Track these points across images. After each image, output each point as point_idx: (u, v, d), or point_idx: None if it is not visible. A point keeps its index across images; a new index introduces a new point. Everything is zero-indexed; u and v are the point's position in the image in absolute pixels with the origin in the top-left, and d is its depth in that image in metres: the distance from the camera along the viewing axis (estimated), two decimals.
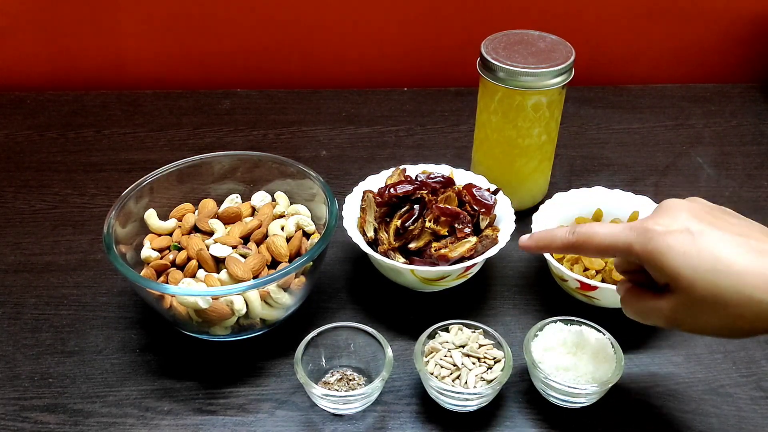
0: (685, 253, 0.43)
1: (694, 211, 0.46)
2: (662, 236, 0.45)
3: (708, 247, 0.43)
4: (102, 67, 1.05)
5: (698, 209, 0.47)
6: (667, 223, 0.45)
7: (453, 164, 0.75)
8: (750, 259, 0.43)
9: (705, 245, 0.43)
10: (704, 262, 0.43)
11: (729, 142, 0.94)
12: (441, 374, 0.57)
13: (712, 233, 0.44)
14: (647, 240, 0.45)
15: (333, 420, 0.58)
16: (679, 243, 0.44)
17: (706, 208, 0.47)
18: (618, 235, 0.47)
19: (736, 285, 0.42)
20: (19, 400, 0.60)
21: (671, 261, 0.44)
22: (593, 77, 1.06)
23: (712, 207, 0.48)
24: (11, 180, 0.86)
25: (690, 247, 0.44)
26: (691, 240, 0.44)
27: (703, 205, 0.48)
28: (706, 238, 0.44)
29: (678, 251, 0.44)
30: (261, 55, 1.05)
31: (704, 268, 0.43)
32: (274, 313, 0.62)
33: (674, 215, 0.46)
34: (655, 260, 0.45)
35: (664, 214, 0.47)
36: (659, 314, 0.47)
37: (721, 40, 1.06)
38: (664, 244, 0.44)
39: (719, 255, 0.43)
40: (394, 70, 1.07)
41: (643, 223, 0.47)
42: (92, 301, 0.69)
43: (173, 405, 0.60)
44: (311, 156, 0.90)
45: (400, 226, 0.65)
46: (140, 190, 0.67)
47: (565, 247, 0.51)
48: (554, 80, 0.69)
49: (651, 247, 0.45)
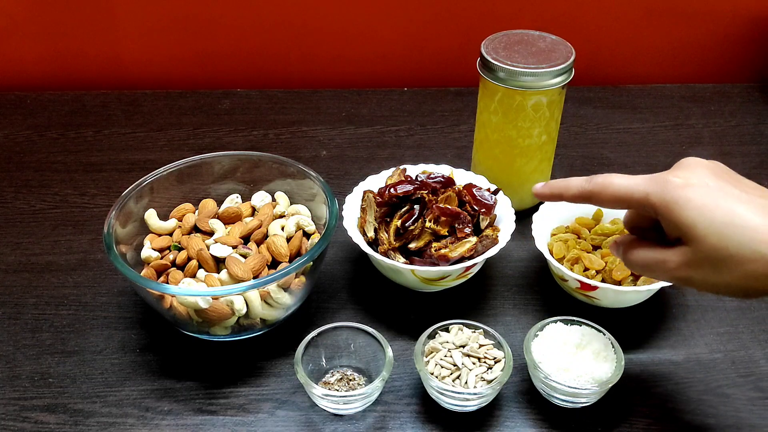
0: (702, 206, 0.43)
1: (714, 170, 0.46)
2: (681, 188, 0.45)
3: (725, 203, 0.43)
4: (102, 67, 1.05)
5: (718, 169, 0.47)
6: (686, 176, 0.45)
7: (453, 164, 0.75)
8: (765, 218, 0.43)
9: (722, 200, 0.43)
10: (721, 216, 0.43)
11: (728, 142, 0.94)
12: (441, 374, 0.57)
13: (730, 190, 0.44)
14: (665, 191, 0.45)
15: (333, 420, 0.58)
16: (697, 195, 0.44)
17: (725, 169, 0.47)
18: (636, 185, 0.47)
19: (750, 241, 0.42)
20: (19, 400, 0.60)
21: (688, 212, 0.44)
22: (593, 77, 1.06)
23: (730, 170, 0.48)
24: (11, 180, 0.86)
25: (708, 200, 0.44)
26: (709, 194, 0.44)
27: (722, 166, 0.48)
28: (724, 194, 0.44)
29: (696, 203, 0.44)
30: (261, 55, 1.05)
31: (720, 221, 0.43)
32: (274, 313, 0.62)
33: (694, 170, 0.46)
34: (671, 211, 0.44)
35: (685, 168, 0.47)
36: (666, 267, 0.46)
37: (721, 40, 1.06)
38: (682, 195, 0.44)
39: (736, 211, 0.43)
40: (394, 70, 1.07)
41: (662, 175, 0.47)
42: (92, 301, 0.69)
43: (173, 405, 0.60)
44: (311, 156, 0.90)
45: (400, 226, 0.65)
46: (140, 190, 0.67)
47: (581, 196, 0.50)
48: (554, 80, 0.69)
49: (669, 197, 0.45)
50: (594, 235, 0.69)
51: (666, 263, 0.46)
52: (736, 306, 0.69)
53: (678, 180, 0.45)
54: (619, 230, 0.69)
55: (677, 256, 0.46)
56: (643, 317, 0.67)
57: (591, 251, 0.68)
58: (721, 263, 0.43)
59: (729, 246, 0.43)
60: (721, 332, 0.66)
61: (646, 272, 0.49)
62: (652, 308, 0.68)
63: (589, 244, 0.68)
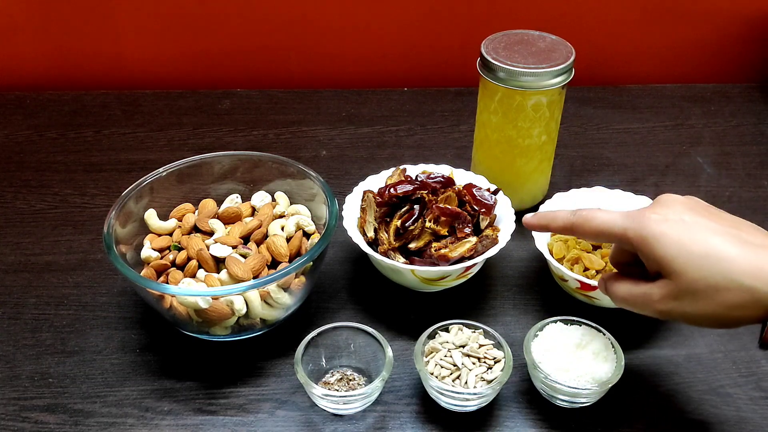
0: (678, 241, 0.45)
1: (690, 205, 0.48)
2: (657, 223, 0.46)
3: (700, 236, 0.45)
4: (102, 67, 1.05)
5: (694, 204, 0.49)
6: (663, 212, 0.47)
7: (453, 164, 0.75)
8: (740, 249, 0.45)
9: (698, 234, 0.45)
10: (696, 249, 0.45)
11: (729, 142, 0.94)
12: (441, 374, 0.57)
13: (706, 224, 0.46)
14: (642, 227, 0.47)
15: (333, 420, 0.58)
16: (673, 230, 0.46)
17: (701, 204, 0.49)
18: (615, 221, 0.49)
19: (726, 272, 0.44)
20: (19, 400, 0.60)
21: (664, 247, 0.46)
22: (593, 77, 1.06)
23: (707, 205, 0.50)
24: (11, 180, 0.86)
25: (683, 234, 0.45)
26: (685, 228, 0.46)
27: (699, 202, 0.50)
28: (699, 227, 0.46)
29: (671, 238, 0.45)
30: (261, 55, 1.05)
31: (696, 254, 0.45)
32: (274, 313, 0.62)
33: (670, 206, 0.48)
34: (648, 246, 0.46)
35: (662, 205, 0.49)
36: (649, 300, 0.48)
37: (721, 40, 1.06)
38: (658, 231, 0.46)
39: (711, 243, 0.45)
40: (394, 70, 1.07)
41: (640, 211, 0.48)
42: (92, 301, 0.69)
43: (173, 405, 0.60)
44: (311, 156, 0.90)
45: (400, 226, 0.65)
46: (140, 190, 0.67)
47: (565, 228, 0.52)
48: (554, 80, 0.69)
49: (645, 233, 0.46)
50: None
51: (648, 296, 0.48)
52: None
53: (655, 216, 0.47)
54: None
55: (659, 290, 0.47)
56: (643, 317, 0.67)
57: (591, 251, 0.68)
58: (699, 294, 0.45)
59: (707, 277, 0.44)
60: (722, 332, 0.66)
61: (630, 306, 0.51)
62: None
63: (589, 244, 0.68)
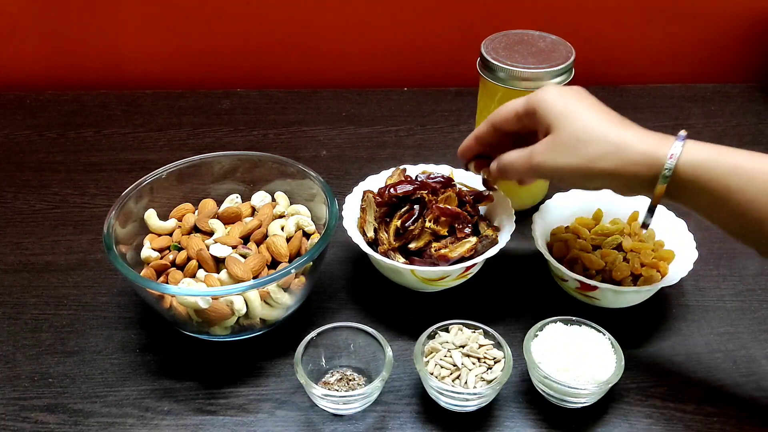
0: (564, 105, 0.55)
1: (581, 91, 0.58)
2: (550, 93, 0.56)
3: (582, 104, 0.55)
4: (102, 67, 1.05)
5: (584, 92, 0.58)
6: (558, 89, 0.57)
7: (453, 164, 0.75)
8: (610, 119, 0.54)
9: (580, 103, 0.55)
10: (575, 111, 0.54)
11: (729, 142, 0.92)
12: (441, 374, 0.57)
13: (588, 101, 0.56)
14: (541, 96, 0.57)
15: (333, 420, 0.58)
16: (561, 98, 0.56)
17: (589, 93, 0.58)
18: (519, 100, 0.59)
19: (596, 129, 0.53)
20: (19, 400, 0.60)
21: (554, 107, 0.55)
22: (593, 77, 1.06)
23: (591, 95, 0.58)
24: (11, 180, 0.86)
25: (569, 102, 0.55)
26: (572, 99, 0.56)
27: (588, 92, 0.58)
28: (583, 101, 0.56)
29: (560, 103, 0.55)
30: (261, 54, 1.05)
31: (574, 115, 0.54)
32: (274, 313, 0.62)
33: (564, 88, 0.58)
34: (542, 108, 0.56)
35: (557, 86, 0.59)
36: (529, 156, 0.56)
37: (721, 40, 1.06)
38: (551, 97, 0.56)
39: (589, 110, 0.55)
40: (394, 70, 1.07)
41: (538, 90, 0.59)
42: (92, 301, 0.69)
43: (173, 405, 0.60)
44: (311, 156, 0.90)
45: (400, 226, 0.65)
46: (140, 190, 0.67)
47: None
48: (554, 80, 0.69)
49: (541, 97, 0.56)
50: (594, 235, 0.69)
51: (530, 153, 0.56)
52: (736, 306, 0.69)
53: (552, 89, 0.57)
54: (618, 230, 0.69)
55: (540, 145, 0.56)
56: (643, 317, 0.67)
57: (591, 251, 0.68)
58: (570, 147, 0.54)
59: (578, 131, 0.53)
60: (722, 332, 0.66)
61: (514, 168, 0.58)
62: (652, 308, 0.68)
63: (589, 244, 0.68)
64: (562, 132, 0.54)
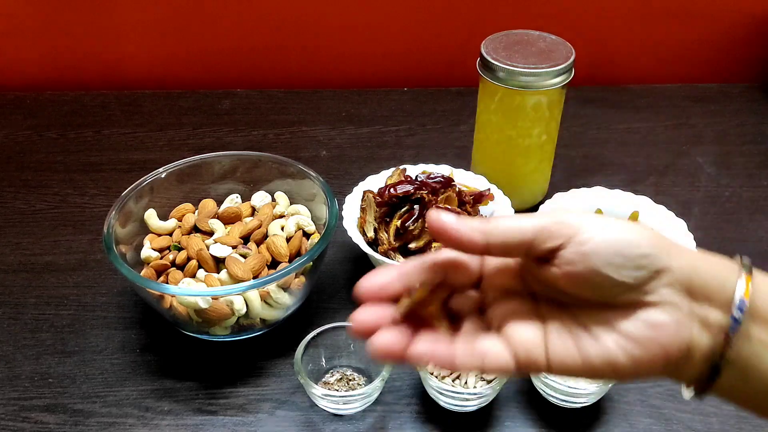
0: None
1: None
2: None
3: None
4: (102, 67, 1.05)
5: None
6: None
7: (453, 164, 0.75)
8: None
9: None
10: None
11: (729, 141, 0.94)
12: (441, 374, 0.57)
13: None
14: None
15: (333, 420, 0.58)
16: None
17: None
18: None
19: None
20: (19, 400, 0.60)
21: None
22: (593, 77, 1.06)
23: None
24: (11, 180, 0.86)
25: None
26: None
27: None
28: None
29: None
30: (261, 54, 1.05)
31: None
32: (274, 313, 0.62)
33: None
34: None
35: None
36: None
37: (721, 40, 1.06)
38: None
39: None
40: (394, 70, 1.07)
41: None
42: (92, 301, 0.69)
43: (173, 405, 0.60)
44: (311, 156, 0.90)
45: (400, 226, 0.65)
46: (140, 190, 0.67)
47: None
48: (554, 80, 0.69)
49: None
50: None
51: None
52: None
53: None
54: None
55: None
56: None
57: None
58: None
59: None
60: None
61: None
62: None
63: None
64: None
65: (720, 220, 0.79)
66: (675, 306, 0.34)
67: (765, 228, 0.78)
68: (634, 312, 0.34)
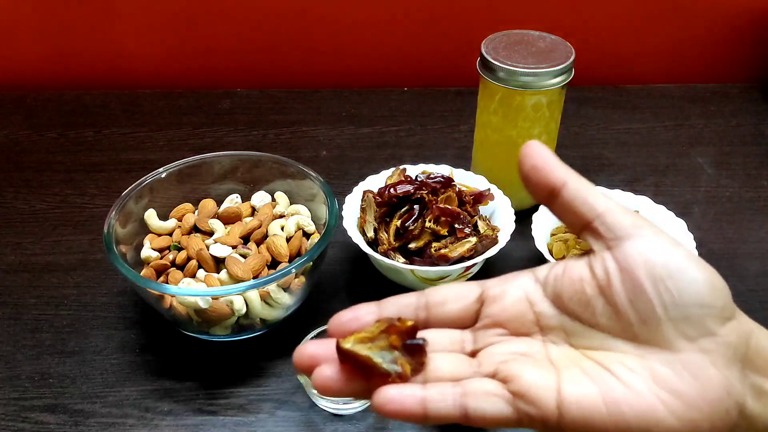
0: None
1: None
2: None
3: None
4: (102, 67, 1.05)
5: None
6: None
7: (453, 164, 0.75)
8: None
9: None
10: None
11: (729, 142, 0.94)
12: None
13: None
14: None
15: (333, 420, 0.58)
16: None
17: None
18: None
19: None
20: (19, 400, 0.60)
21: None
22: (593, 77, 1.06)
23: None
24: (11, 180, 0.86)
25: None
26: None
27: None
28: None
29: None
30: (261, 54, 1.05)
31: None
32: (274, 313, 0.62)
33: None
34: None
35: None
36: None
37: (721, 40, 1.06)
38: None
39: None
40: (394, 70, 1.07)
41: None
42: (92, 301, 0.69)
43: (173, 405, 0.60)
44: (311, 156, 0.90)
45: (400, 226, 0.65)
46: (140, 190, 0.67)
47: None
48: (554, 80, 0.69)
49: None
50: None
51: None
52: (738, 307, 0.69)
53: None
54: None
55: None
56: None
57: None
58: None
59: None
60: None
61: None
62: None
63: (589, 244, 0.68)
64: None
65: (720, 220, 0.79)
66: (728, 360, 0.29)
67: (765, 228, 0.78)
68: (671, 353, 0.29)
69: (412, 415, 0.29)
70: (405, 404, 0.29)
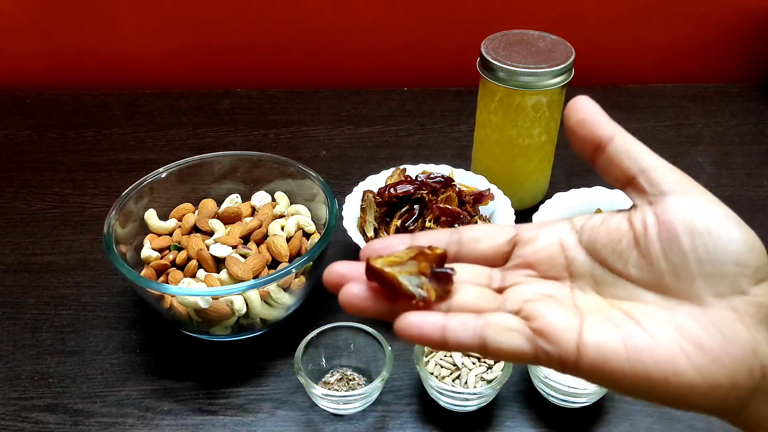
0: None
1: None
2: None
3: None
4: (102, 67, 1.05)
5: None
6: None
7: (453, 164, 0.75)
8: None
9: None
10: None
11: (729, 141, 0.94)
12: (441, 374, 0.57)
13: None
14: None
15: (333, 420, 0.58)
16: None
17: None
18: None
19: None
20: (19, 400, 0.60)
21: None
22: (593, 77, 1.06)
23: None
24: (11, 180, 0.86)
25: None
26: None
27: None
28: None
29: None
30: (261, 54, 1.05)
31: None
32: (274, 313, 0.62)
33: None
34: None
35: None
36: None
37: (721, 40, 1.06)
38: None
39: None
40: (394, 70, 1.07)
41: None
42: (92, 301, 0.69)
43: (173, 405, 0.60)
44: (311, 156, 0.90)
45: (401, 226, 0.65)
46: (140, 190, 0.67)
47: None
48: (554, 80, 0.69)
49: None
50: None
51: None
52: None
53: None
54: None
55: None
56: None
57: None
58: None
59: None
60: None
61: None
62: None
63: None
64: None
65: None
66: (757, 321, 0.28)
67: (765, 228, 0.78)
68: (699, 308, 0.29)
69: (431, 340, 0.29)
70: (425, 329, 0.29)
